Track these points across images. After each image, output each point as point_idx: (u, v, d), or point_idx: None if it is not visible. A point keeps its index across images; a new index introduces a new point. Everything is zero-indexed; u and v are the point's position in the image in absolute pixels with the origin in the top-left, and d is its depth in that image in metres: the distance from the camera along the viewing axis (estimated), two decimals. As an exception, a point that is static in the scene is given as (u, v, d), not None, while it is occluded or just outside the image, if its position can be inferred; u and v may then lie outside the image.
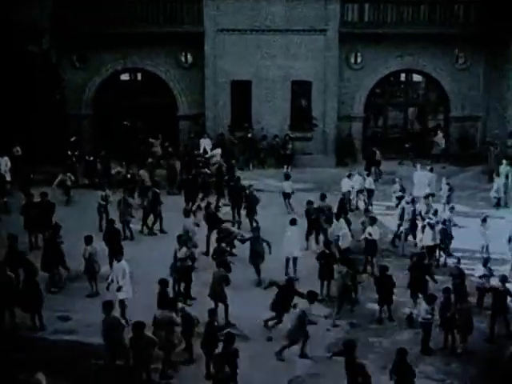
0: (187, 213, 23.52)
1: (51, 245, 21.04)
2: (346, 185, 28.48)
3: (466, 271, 20.13)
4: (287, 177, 29.61)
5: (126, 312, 18.47)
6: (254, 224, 24.24)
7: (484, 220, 22.93)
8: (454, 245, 23.62)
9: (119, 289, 18.49)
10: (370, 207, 28.17)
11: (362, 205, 28.77)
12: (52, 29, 34.51)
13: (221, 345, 15.38)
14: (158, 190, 26.44)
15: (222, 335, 15.70)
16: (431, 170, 29.30)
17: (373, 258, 22.43)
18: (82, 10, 34.61)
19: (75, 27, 34.21)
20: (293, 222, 22.27)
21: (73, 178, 29.38)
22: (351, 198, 28.48)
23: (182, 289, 20.22)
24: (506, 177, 29.47)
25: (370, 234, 22.53)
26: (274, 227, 23.49)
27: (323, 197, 25.53)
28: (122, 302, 18.49)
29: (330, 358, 15.85)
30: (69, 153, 32.37)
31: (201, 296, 19.66)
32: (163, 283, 17.79)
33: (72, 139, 34.33)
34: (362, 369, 14.36)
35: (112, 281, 18.72)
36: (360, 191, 28.86)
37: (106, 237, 22.14)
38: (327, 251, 20.92)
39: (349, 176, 28.80)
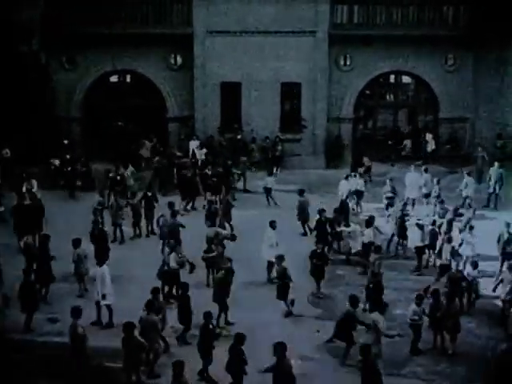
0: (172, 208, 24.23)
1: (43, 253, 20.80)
2: (343, 187, 28.42)
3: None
4: (270, 173, 30.69)
5: (111, 317, 18.71)
6: (229, 231, 24.20)
7: (471, 228, 22.91)
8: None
9: (104, 296, 18.58)
10: (359, 209, 28.32)
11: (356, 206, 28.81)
12: (42, 30, 34.42)
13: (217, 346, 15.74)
14: (149, 193, 26.35)
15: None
16: (426, 171, 29.37)
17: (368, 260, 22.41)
18: (71, 11, 34.52)
19: (64, 28, 34.08)
20: (272, 225, 22.25)
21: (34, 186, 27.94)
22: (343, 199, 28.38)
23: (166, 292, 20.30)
24: (501, 178, 29.56)
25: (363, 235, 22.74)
26: (259, 229, 23.15)
27: (301, 192, 26.46)
28: (108, 306, 18.68)
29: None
30: (51, 161, 31.96)
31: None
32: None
33: (65, 142, 34.17)
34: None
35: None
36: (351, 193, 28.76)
37: (92, 238, 22.14)
38: (318, 250, 20.94)
39: (346, 178, 28.78)
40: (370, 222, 23.19)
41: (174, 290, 20.22)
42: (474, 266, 20.13)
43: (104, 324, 18.72)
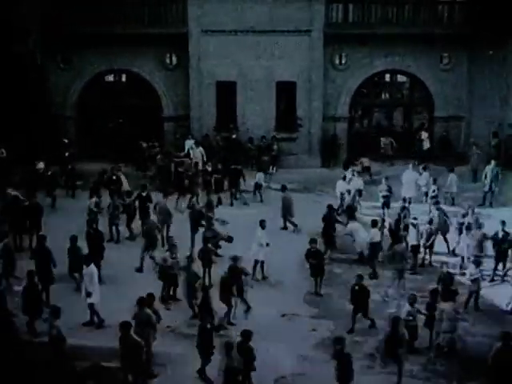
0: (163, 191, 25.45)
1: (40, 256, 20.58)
2: (341, 187, 28.36)
3: (452, 270, 20.43)
4: (260, 169, 31.16)
5: (98, 315, 18.72)
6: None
7: (468, 228, 22.91)
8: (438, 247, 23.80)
9: (89, 294, 18.59)
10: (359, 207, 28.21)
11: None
12: (37, 29, 34.39)
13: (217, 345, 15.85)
14: (144, 194, 26.22)
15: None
16: (425, 169, 29.39)
17: (374, 260, 22.44)
18: (66, 11, 34.52)
19: (60, 28, 34.07)
20: (261, 224, 22.26)
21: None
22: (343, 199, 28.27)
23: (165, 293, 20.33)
24: (496, 176, 29.62)
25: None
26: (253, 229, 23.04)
27: (284, 188, 26.94)
28: (91, 305, 18.68)
29: None
30: (35, 163, 31.35)
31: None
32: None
33: (65, 141, 33.99)
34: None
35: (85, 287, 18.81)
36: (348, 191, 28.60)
37: (87, 238, 22.11)
38: (312, 249, 20.93)
39: (344, 178, 28.76)
40: (375, 221, 23.13)
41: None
42: (477, 264, 20.17)
43: (94, 324, 18.80)
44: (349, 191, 28.24)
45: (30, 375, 16.14)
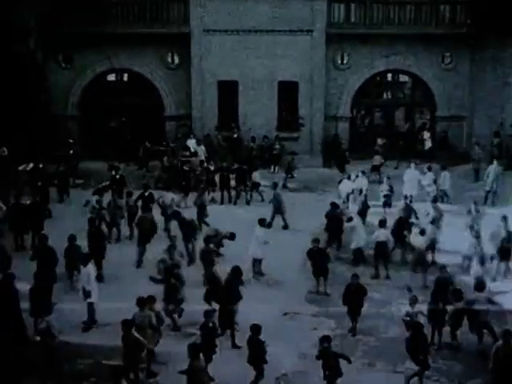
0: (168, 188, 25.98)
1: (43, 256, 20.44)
2: (345, 186, 28.29)
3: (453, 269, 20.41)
4: (256, 168, 31.20)
5: (92, 316, 18.60)
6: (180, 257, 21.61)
7: (471, 227, 22.84)
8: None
9: (88, 294, 18.46)
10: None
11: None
12: (38, 29, 34.43)
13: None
14: (146, 194, 26.18)
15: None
16: (429, 169, 29.37)
17: (384, 261, 22.31)
18: (67, 9, 34.58)
19: (61, 27, 34.17)
20: (261, 223, 22.25)
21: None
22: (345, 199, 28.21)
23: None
24: (498, 176, 29.64)
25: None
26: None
27: (275, 185, 27.19)
28: (91, 304, 18.55)
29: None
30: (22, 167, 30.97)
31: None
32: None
33: (70, 141, 33.89)
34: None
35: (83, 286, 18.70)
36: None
37: (89, 237, 22.05)
38: (315, 248, 20.90)
39: (348, 178, 28.71)
40: (383, 221, 22.98)
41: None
42: (482, 263, 20.14)
43: (86, 323, 18.68)
44: (359, 191, 27.92)
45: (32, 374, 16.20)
